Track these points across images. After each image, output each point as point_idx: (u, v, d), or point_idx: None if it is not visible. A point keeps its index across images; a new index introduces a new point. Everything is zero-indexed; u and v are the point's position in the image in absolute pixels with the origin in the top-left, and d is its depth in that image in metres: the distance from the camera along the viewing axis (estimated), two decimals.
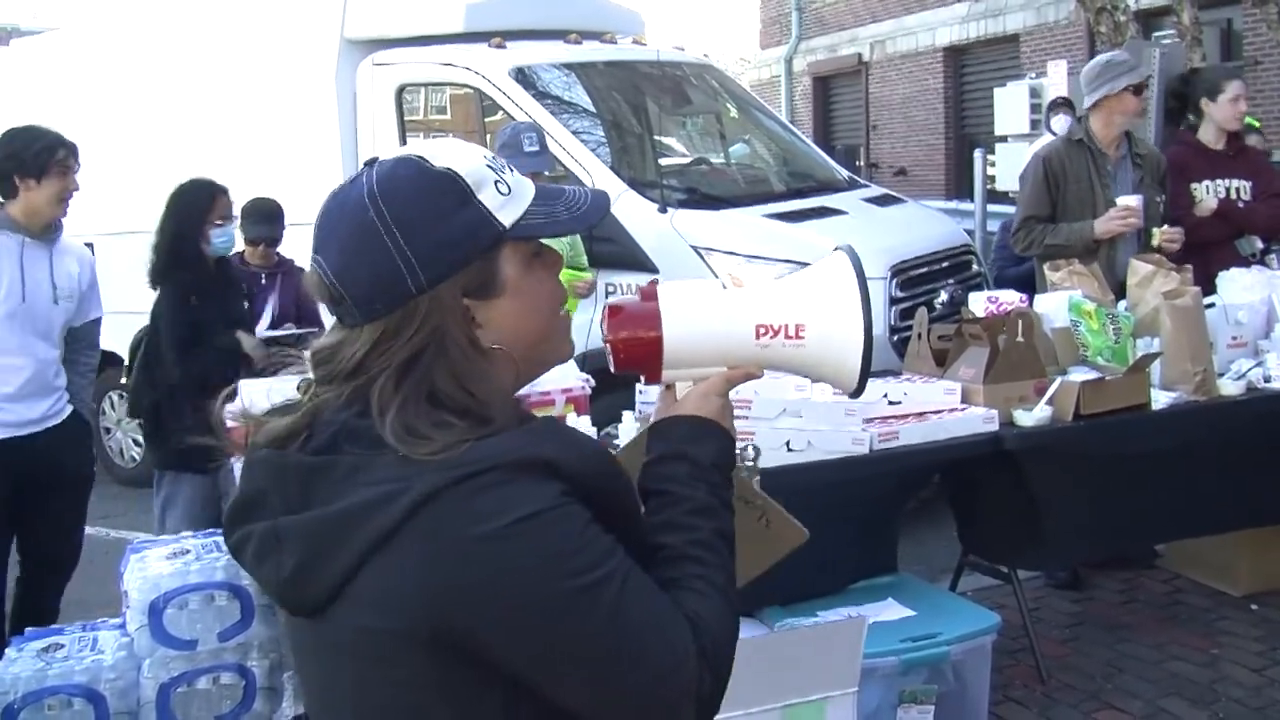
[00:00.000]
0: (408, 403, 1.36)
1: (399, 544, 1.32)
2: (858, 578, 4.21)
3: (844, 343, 1.60)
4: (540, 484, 1.34)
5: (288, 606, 1.43)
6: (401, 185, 1.41)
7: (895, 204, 7.55)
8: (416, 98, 7.50)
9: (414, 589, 1.32)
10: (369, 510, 1.33)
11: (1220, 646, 4.69)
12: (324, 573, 1.35)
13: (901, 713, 3.64)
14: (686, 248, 6.20)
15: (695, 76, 8.37)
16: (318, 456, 1.39)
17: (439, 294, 1.40)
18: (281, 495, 1.40)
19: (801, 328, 1.60)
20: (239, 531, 1.46)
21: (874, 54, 21.35)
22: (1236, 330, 4.80)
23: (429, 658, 1.34)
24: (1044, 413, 4.13)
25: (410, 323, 1.39)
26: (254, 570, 1.44)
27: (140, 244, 8.33)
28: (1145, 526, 4.76)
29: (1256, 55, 14.03)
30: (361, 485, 1.34)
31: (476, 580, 1.31)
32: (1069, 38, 16.67)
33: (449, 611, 1.31)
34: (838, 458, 3.82)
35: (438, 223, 1.40)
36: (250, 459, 1.47)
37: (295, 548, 1.37)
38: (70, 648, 3.67)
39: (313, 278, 1.46)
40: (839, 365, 1.63)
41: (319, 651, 1.45)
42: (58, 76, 8.95)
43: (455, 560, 1.31)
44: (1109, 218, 5.35)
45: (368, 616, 1.34)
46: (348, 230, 1.41)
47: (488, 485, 1.32)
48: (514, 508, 1.32)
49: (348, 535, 1.33)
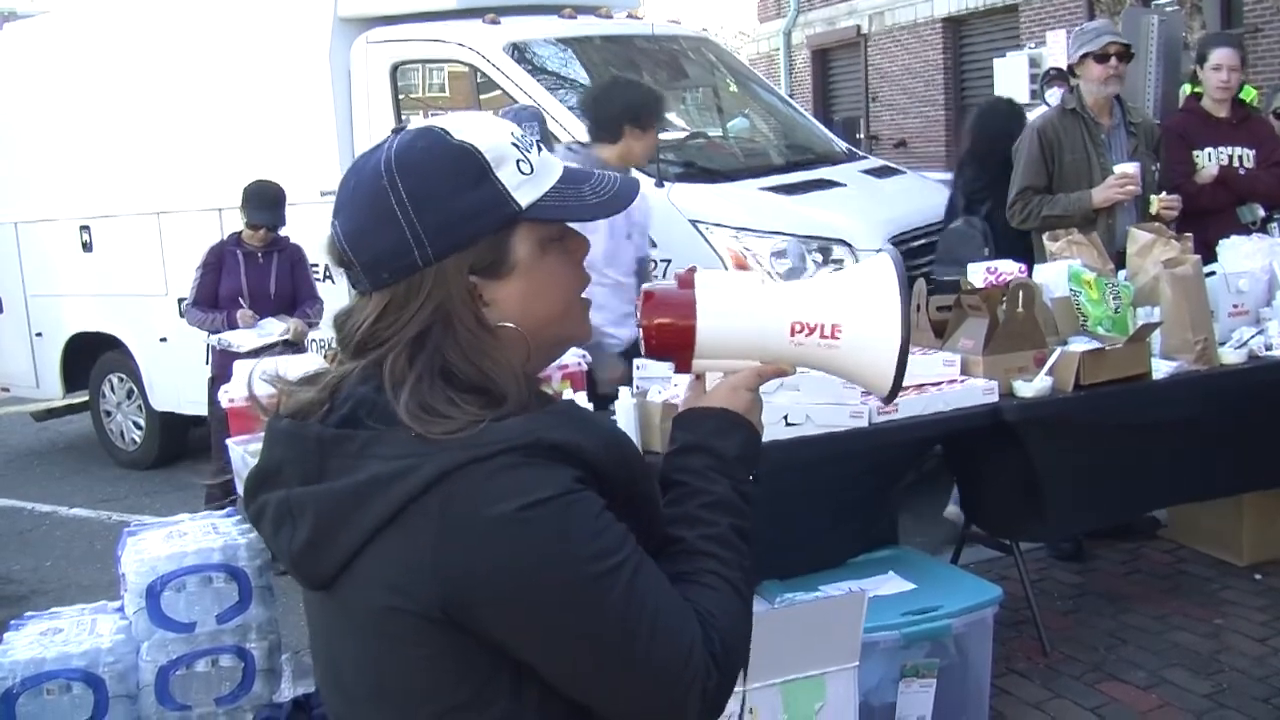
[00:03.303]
0: (421, 379, 1.36)
1: (407, 522, 1.31)
2: (858, 551, 4.20)
3: (879, 347, 1.58)
4: (555, 469, 1.33)
5: (300, 577, 1.43)
6: (417, 156, 1.40)
7: (894, 175, 7.52)
8: (411, 75, 7.46)
9: (422, 568, 1.31)
10: (379, 485, 1.32)
11: (1223, 617, 4.68)
12: (334, 546, 1.36)
13: (903, 686, 3.62)
14: (684, 222, 6.17)
15: (692, 50, 8.32)
16: (337, 429, 1.39)
17: (445, 268, 1.39)
18: (298, 466, 1.40)
19: (838, 328, 1.57)
20: (257, 500, 1.46)
21: (872, 26, 21.26)
22: (1237, 298, 4.77)
23: (444, 636, 1.33)
24: (1044, 383, 4.11)
25: (415, 295, 1.38)
26: (270, 540, 1.45)
27: (136, 226, 8.38)
28: (1146, 496, 4.75)
29: (1257, 23, 13.95)
30: (374, 460, 1.34)
31: (485, 563, 1.30)
32: (1068, 7, 16.57)
33: (458, 592, 1.31)
34: (837, 431, 3.80)
35: (449, 197, 1.39)
36: (272, 428, 1.47)
37: (308, 519, 1.37)
38: (69, 631, 3.67)
39: (331, 243, 1.46)
40: (873, 369, 1.60)
41: (329, 624, 1.45)
42: (52, 59, 8.91)
43: (464, 542, 1.30)
44: (1107, 185, 5.32)
45: (378, 594, 1.34)
46: (362, 197, 1.42)
47: (501, 468, 1.31)
48: (526, 492, 1.31)
49: (358, 510, 1.33)
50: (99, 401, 9.08)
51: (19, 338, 9.40)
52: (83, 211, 8.78)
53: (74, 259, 8.87)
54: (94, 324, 8.85)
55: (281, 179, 6.54)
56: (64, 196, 8.82)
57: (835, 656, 3.34)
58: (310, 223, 7.02)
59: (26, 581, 6.44)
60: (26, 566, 6.71)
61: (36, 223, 9.12)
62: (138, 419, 8.81)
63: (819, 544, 4.12)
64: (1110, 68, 5.41)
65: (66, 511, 7.77)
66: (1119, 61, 5.44)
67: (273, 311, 6.50)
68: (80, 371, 9.11)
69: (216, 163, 7.71)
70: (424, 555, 1.31)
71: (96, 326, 8.84)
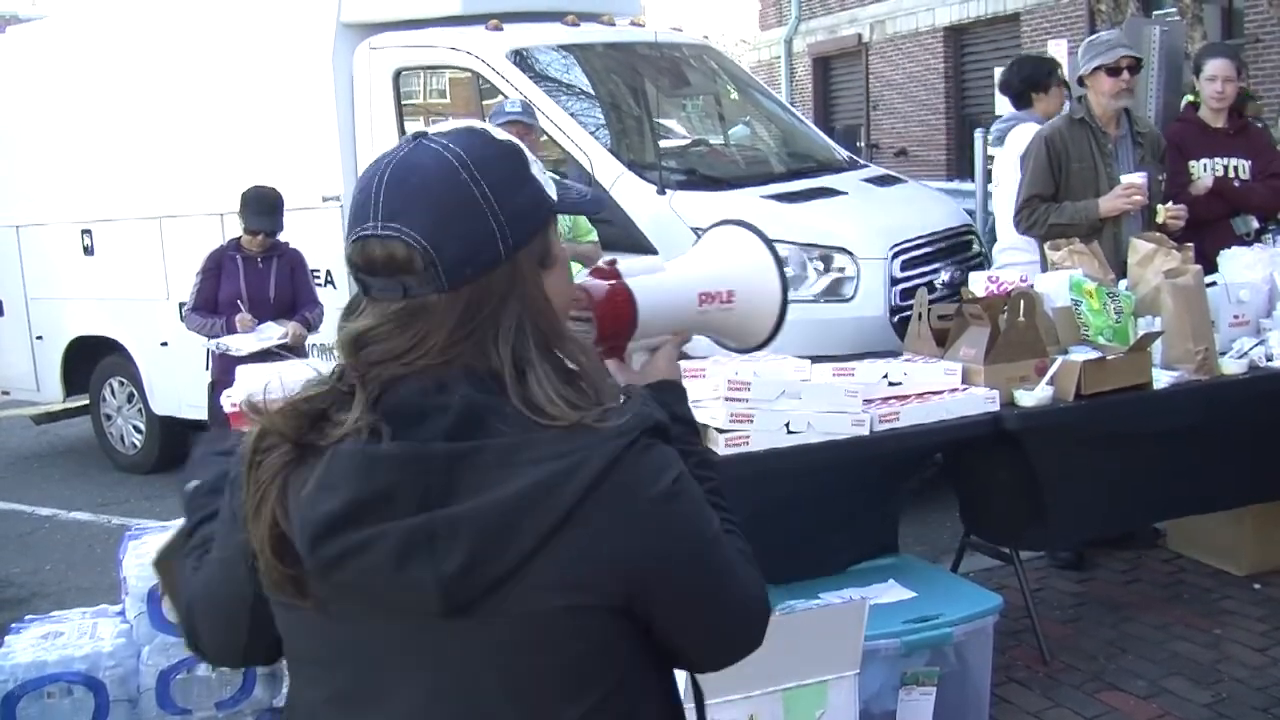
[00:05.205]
0: (545, 374, 1.38)
1: (583, 518, 1.33)
2: (859, 559, 4.20)
3: (766, 303, 1.87)
4: (668, 447, 1.42)
5: (438, 606, 1.33)
6: (484, 152, 1.41)
7: (895, 184, 7.52)
8: (413, 81, 7.47)
9: (604, 559, 1.35)
10: (548, 487, 1.31)
11: (1223, 626, 4.68)
12: (499, 561, 1.32)
13: (903, 694, 3.63)
14: (685, 229, 6.17)
15: (694, 58, 8.33)
16: (460, 443, 1.33)
17: (518, 262, 1.40)
18: (417, 489, 1.32)
19: (733, 294, 1.85)
20: (351, 537, 1.33)
21: (874, 34, 21.29)
22: (1238, 309, 4.78)
23: (613, 624, 1.39)
24: (1045, 393, 4.12)
25: (497, 289, 1.38)
26: (387, 575, 1.33)
27: (137, 230, 8.39)
28: (1147, 506, 4.75)
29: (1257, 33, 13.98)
30: (528, 464, 1.32)
31: (661, 541, 1.38)
32: (1070, 16, 16.61)
33: (641, 573, 1.37)
34: (838, 439, 3.81)
35: (518, 191, 1.41)
36: (371, 455, 1.33)
37: (466, 538, 1.31)
38: (70, 635, 3.66)
39: (389, 247, 1.37)
40: (758, 322, 1.89)
41: (455, 650, 1.37)
42: (54, 63, 8.92)
43: (641, 524, 1.36)
44: (1114, 195, 5.33)
45: (552, 596, 1.34)
46: (440, 194, 1.38)
47: (644, 450, 1.38)
48: (668, 469, 1.39)
49: (528, 516, 1.31)
50: (99, 405, 9.08)
51: (20, 341, 9.40)
52: (84, 215, 8.78)
53: (75, 262, 8.87)
54: (95, 328, 8.85)
55: (283, 184, 6.54)
56: (65, 200, 8.82)
57: (836, 664, 3.34)
58: (312, 227, 7.04)
59: (27, 585, 6.44)
60: (27, 570, 6.70)
61: (38, 226, 9.13)
62: (138, 423, 8.81)
63: (819, 551, 4.12)
64: (1122, 81, 5.41)
65: (67, 515, 7.77)
66: (1129, 74, 5.45)
67: (272, 316, 6.50)
68: (81, 375, 9.10)
69: (218, 167, 7.71)
70: (606, 545, 1.34)
71: (97, 330, 8.84)
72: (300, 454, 1.38)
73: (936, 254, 6.56)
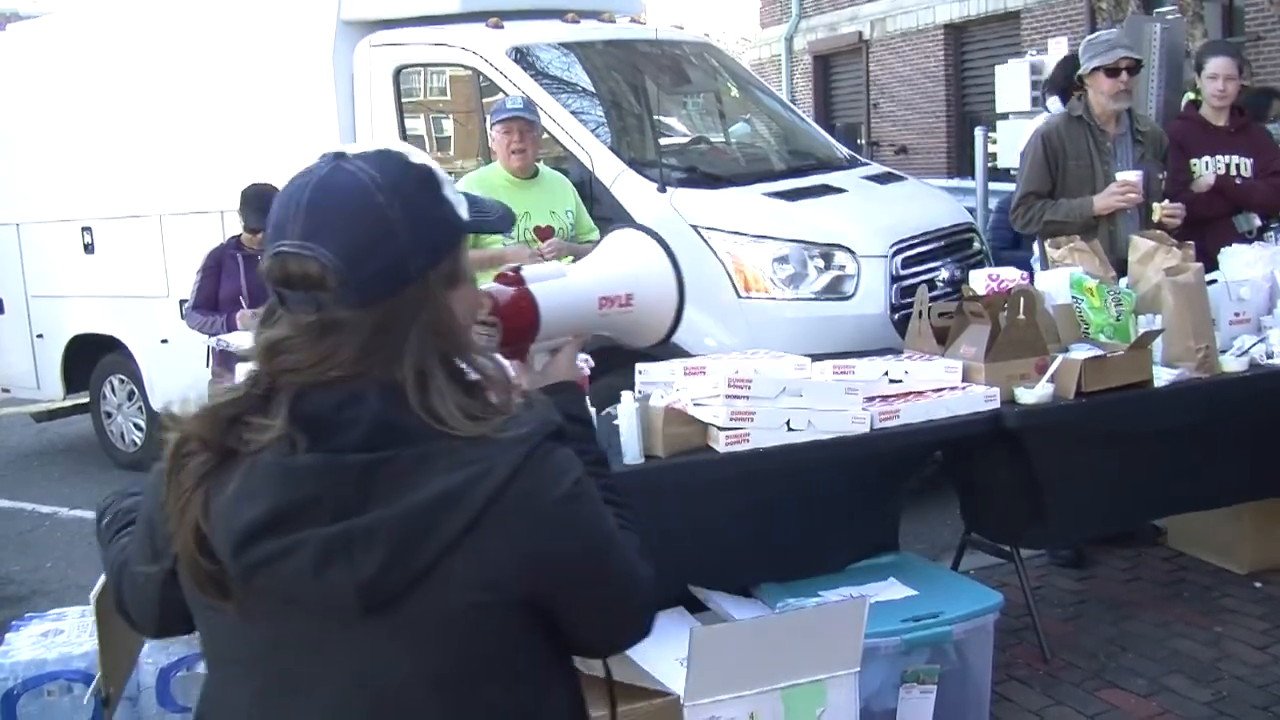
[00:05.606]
0: (446, 388, 1.45)
1: (490, 521, 1.41)
2: (859, 557, 4.20)
3: (664, 305, 1.96)
4: (566, 447, 1.51)
5: (355, 608, 1.41)
6: (399, 175, 1.47)
7: (896, 182, 7.51)
8: (414, 79, 7.47)
9: (510, 559, 1.44)
10: (459, 494, 1.40)
11: (1223, 624, 4.68)
12: (412, 564, 1.40)
13: (904, 693, 3.62)
14: (686, 227, 6.17)
15: (695, 56, 8.32)
16: (372, 454, 1.40)
17: (428, 281, 1.47)
18: (335, 499, 1.40)
19: (632, 297, 1.93)
20: (272, 544, 1.40)
21: (874, 32, 21.28)
22: (1239, 306, 4.78)
23: (518, 619, 1.49)
24: (1045, 391, 4.11)
25: (406, 308, 1.45)
26: (305, 580, 1.40)
27: (138, 228, 8.39)
28: (1148, 504, 4.75)
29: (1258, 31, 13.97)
30: (438, 473, 1.40)
31: (564, 539, 1.48)
32: (1070, 14, 16.59)
33: (544, 571, 1.47)
34: (838, 437, 3.81)
35: (430, 213, 1.49)
36: (289, 466, 1.40)
37: (382, 544, 1.39)
38: (70, 632, 3.67)
39: (302, 264, 1.43)
40: (657, 322, 1.97)
41: (371, 646, 1.45)
42: (54, 61, 8.91)
43: (544, 525, 1.45)
44: (1108, 193, 5.33)
45: (460, 594, 1.43)
46: (353, 216, 1.44)
47: (546, 454, 1.46)
48: (568, 472, 1.49)
49: (439, 521, 1.40)
50: (100, 403, 9.08)
51: (20, 339, 9.40)
52: (85, 213, 8.78)
53: (76, 260, 8.87)
54: (95, 325, 8.85)
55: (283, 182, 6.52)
56: (66, 198, 8.82)
57: (836, 662, 3.34)
58: None
59: (27, 582, 6.44)
60: (27, 567, 6.70)
61: (38, 224, 9.12)
62: (138, 420, 8.81)
63: (820, 549, 4.12)
64: (1120, 82, 5.40)
65: (67, 513, 7.76)
66: (1128, 75, 5.44)
67: None
68: (81, 373, 9.10)
69: (219, 165, 7.71)
70: (511, 546, 1.43)
71: (98, 328, 8.84)
72: (219, 460, 1.44)
73: (937, 252, 6.56)
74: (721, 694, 3.22)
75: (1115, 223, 5.39)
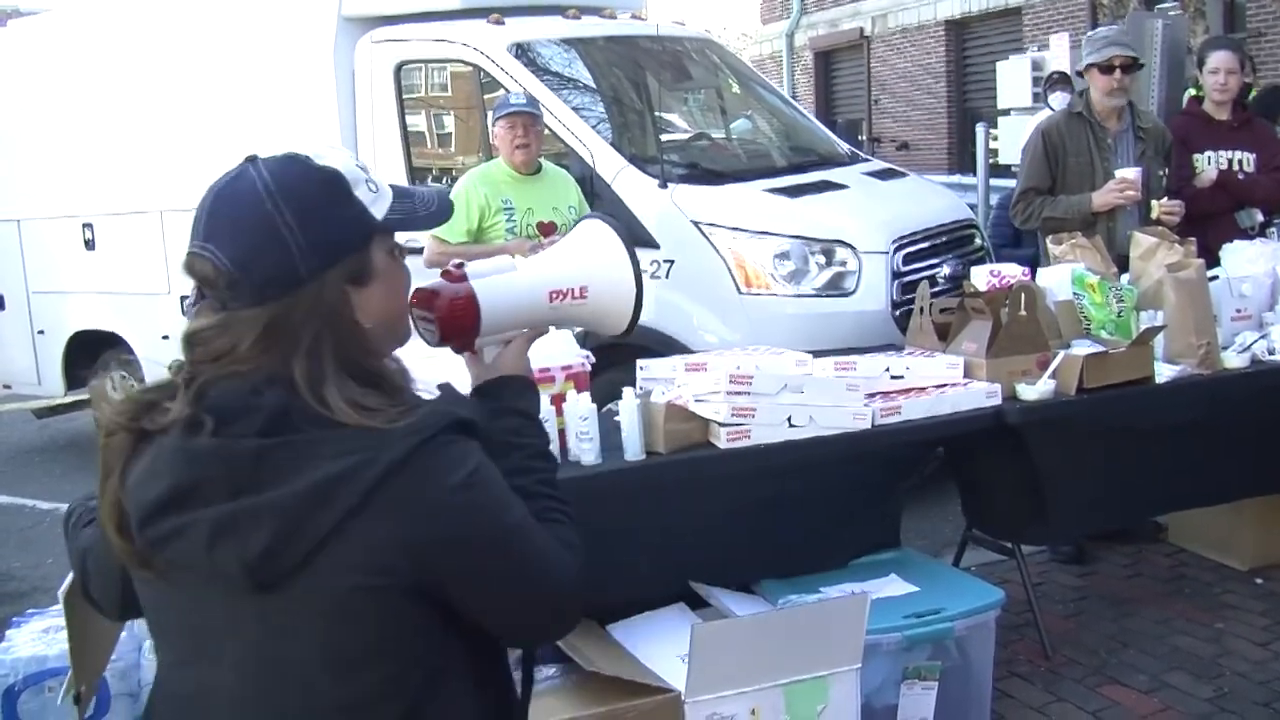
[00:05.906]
0: (337, 382, 1.53)
1: (374, 508, 1.48)
2: (860, 553, 4.20)
3: (620, 297, 1.95)
4: (469, 441, 1.58)
5: (247, 585, 1.50)
6: (294, 181, 1.58)
7: (897, 178, 7.50)
8: (415, 75, 7.46)
9: (395, 545, 1.50)
10: (340, 480, 1.47)
11: (1225, 621, 4.68)
12: (298, 545, 1.48)
13: (905, 689, 3.62)
14: (687, 223, 6.17)
15: (696, 52, 8.31)
16: (266, 439, 1.49)
17: (325, 281, 1.56)
18: (227, 480, 1.50)
19: (585, 289, 1.93)
20: (171, 521, 1.52)
21: (876, 28, 21.27)
22: (1241, 303, 4.77)
23: (409, 604, 1.54)
24: (1047, 387, 4.11)
25: (300, 307, 1.54)
26: (200, 556, 1.51)
27: (139, 224, 8.38)
28: (1149, 500, 4.75)
29: (1260, 27, 13.97)
30: (326, 459, 1.48)
31: (452, 528, 1.53)
32: (1071, 10, 16.58)
33: (431, 557, 1.52)
34: (839, 433, 3.80)
35: (326, 217, 1.57)
36: (184, 449, 1.52)
37: (267, 525, 1.47)
38: None
39: (201, 264, 1.56)
40: (616, 314, 1.97)
41: (268, 622, 1.53)
42: (55, 57, 8.90)
43: (431, 514, 1.51)
44: (1107, 189, 5.34)
45: (345, 577, 1.50)
46: (246, 222, 1.55)
47: (441, 446, 1.53)
48: (464, 464, 1.55)
49: (323, 505, 1.47)
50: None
51: (21, 335, 9.39)
52: (85, 209, 8.77)
53: (76, 257, 8.86)
54: (96, 322, 8.84)
55: None
56: (67, 194, 8.81)
57: (838, 658, 3.34)
58: None
59: (28, 579, 6.44)
60: (28, 564, 6.70)
61: (39, 220, 9.11)
62: None
63: (821, 545, 4.12)
64: (1115, 80, 5.40)
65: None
66: (1124, 74, 5.43)
67: None
68: (82, 369, 9.09)
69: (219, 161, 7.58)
70: (396, 533, 1.49)
71: (99, 324, 8.83)
72: (138, 439, 1.58)
73: (938, 248, 6.55)
74: (723, 690, 3.22)
75: (1115, 219, 5.39)
